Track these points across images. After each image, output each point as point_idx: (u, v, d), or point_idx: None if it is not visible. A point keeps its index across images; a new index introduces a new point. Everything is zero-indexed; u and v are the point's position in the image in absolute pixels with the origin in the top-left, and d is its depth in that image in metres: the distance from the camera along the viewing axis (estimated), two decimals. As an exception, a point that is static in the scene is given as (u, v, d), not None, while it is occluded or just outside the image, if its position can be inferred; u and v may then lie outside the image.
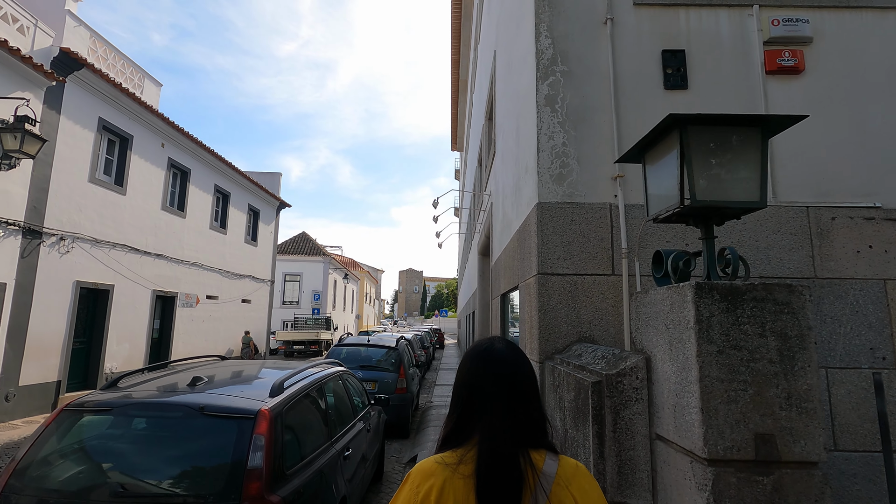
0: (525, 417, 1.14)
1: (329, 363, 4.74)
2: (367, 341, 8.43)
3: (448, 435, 1.18)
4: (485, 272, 10.62)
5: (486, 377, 1.17)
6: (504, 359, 1.19)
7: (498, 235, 6.48)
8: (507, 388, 1.15)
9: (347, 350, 8.28)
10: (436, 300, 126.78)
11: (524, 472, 1.06)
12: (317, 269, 31.00)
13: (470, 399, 1.17)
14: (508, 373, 1.17)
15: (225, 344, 16.34)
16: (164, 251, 12.83)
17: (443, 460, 1.11)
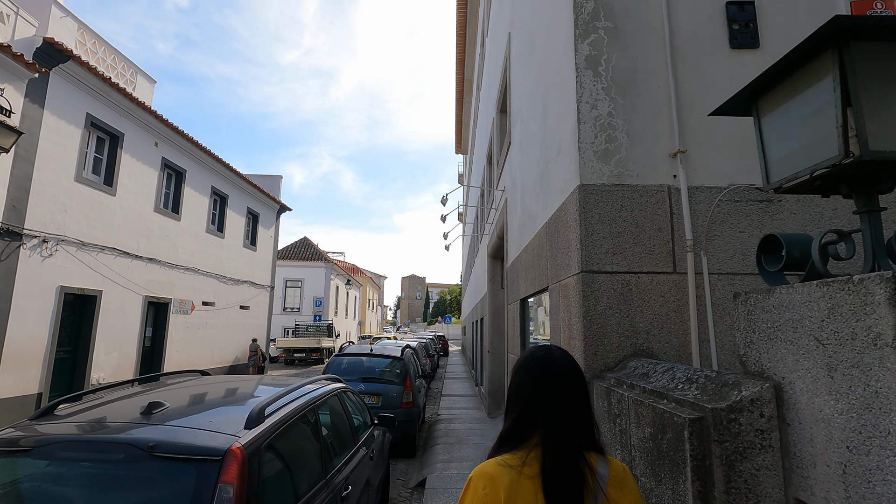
0: (581, 421, 1.22)
1: (327, 379, 4.10)
2: (370, 350, 7.78)
3: (506, 435, 1.25)
4: (495, 276, 9.98)
5: (547, 383, 1.25)
6: (563, 366, 1.28)
7: (515, 233, 5.84)
8: (567, 393, 1.23)
9: (349, 360, 7.63)
10: (438, 306, 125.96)
11: (584, 473, 1.14)
12: (318, 274, 30.39)
13: (531, 403, 1.24)
14: (567, 380, 1.25)
15: (221, 352, 15.70)
16: (157, 255, 12.23)
17: (505, 462, 1.16)
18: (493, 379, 9.88)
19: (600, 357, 2.67)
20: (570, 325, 2.96)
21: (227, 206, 15.88)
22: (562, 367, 1.28)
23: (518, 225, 5.58)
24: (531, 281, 4.52)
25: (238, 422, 2.33)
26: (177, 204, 13.18)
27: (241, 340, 17.07)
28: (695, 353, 2.60)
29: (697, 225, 2.77)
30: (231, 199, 16.15)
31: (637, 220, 2.80)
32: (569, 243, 3.02)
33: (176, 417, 2.37)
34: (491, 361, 9.67)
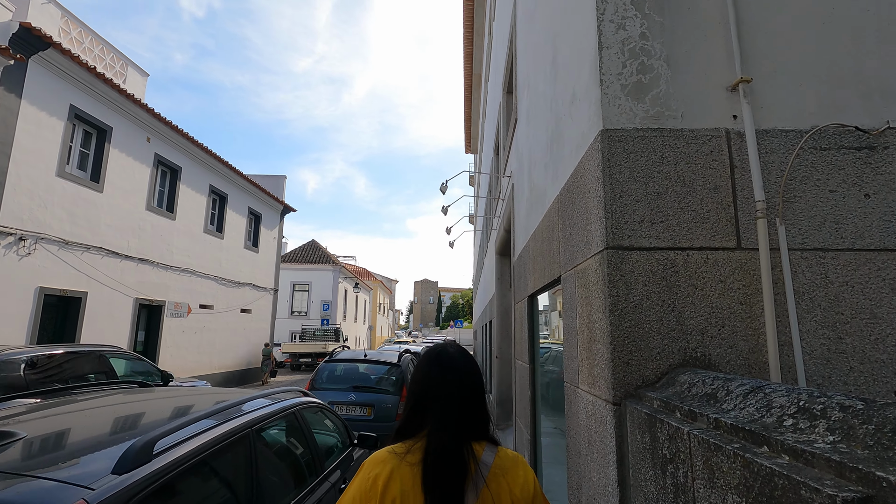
0: (471, 415, 1.30)
1: (291, 391, 3.38)
2: (364, 356, 7.04)
3: (400, 427, 1.33)
4: (504, 274, 9.20)
5: (438, 378, 1.33)
6: (455, 363, 1.36)
7: (522, 220, 5.07)
8: (457, 388, 1.31)
9: (340, 367, 6.90)
10: (451, 311, 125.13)
11: (467, 462, 1.21)
12: (326, 278, 29.85)
13: (423, 396, 1.33)
14: (458, 375, 1.34)
15: (222, 357, 15.11)
16: (149, 255, 11.68)
17: (393, 450, 1.26)
18: (501, 387, 9.08)
19: (634, 367, 1.89)
20: (590, 323, 2.18)
21: (226, 205, 15.35)
22: (452, 363, 1.35)
23: (525, 209, 4.81)
24: (540, 272, 3.75)
25: (109, 462, 1.60)
26: (171, 202, 12.65)
27: (243, 345, 16.49)
28: (773, 362, 1.81)
29: (770, 182, 1.99)
30: (231, 199, 15.62)
31: (683, 176, 2.02)
32: (587, 214, 2.25)
33: (21, 457, 1.65)
34: (499, 368, 8.88)
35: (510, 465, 1.25)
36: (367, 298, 43.89)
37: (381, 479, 1.18)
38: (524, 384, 4.58)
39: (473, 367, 1.37)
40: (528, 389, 4.36)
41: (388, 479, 1.19)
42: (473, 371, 1.36)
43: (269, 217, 18.54)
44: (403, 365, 6.92)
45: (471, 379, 1.34)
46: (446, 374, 1.32)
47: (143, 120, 11.28)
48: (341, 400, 6.25)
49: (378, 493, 1.17)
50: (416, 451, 1.22)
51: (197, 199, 13.69)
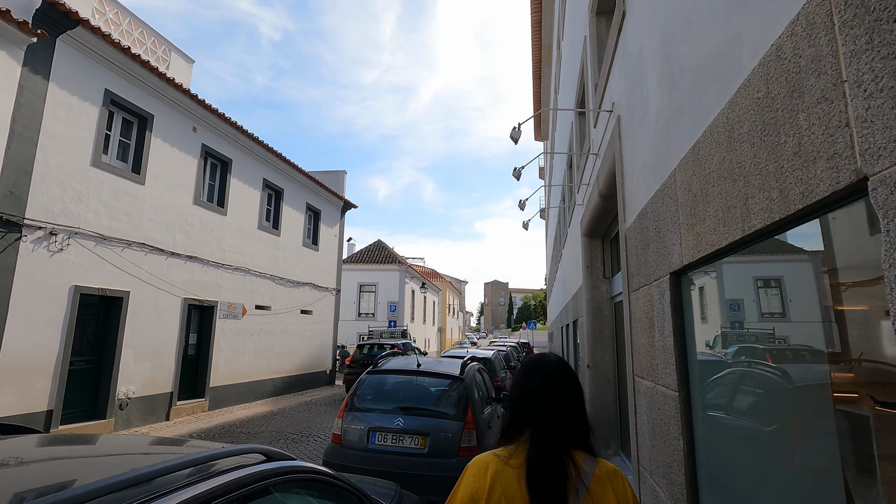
0: (570, 422, 1.34)
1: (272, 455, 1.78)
2: (417, 365, 5.41)
3: (503, 431, 1.40)
4: (594, 261, 7.23)
5: (537, 387, 1.39)
6: (555, 371, 1.42)
7: (646, 156, 3.15)
8: (558, 396, 1.37)
9: (387, 381, 5.33)
10: (522, 312, 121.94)
11: (568, 468, 1.26)
12: (392, 278, 28.95)
13: (522, 405, 1.40)
14: (558, 384, 1.39)
15: (281, 361, 14.29)
16: (199, 253, 10.94)
17: (495, 454, 1.33)
18: (595, 403, 7.08)
19: None
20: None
21: (282, 200, 14.55)
22: (552, 370, 1.41)
23: (656, 131, 2.90)
24: (712, 223, 1.89)
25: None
26: (222, 197, 11.91)
27: (304, 348, 15.65)
28: None
29: None
30: (287, 194, 14.81)
31: None
32: None
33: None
34: (592, 379, 6.92)
35: (610, 476, 1.29)
36: (436, 300, 42.79)
37: (486, 480, 1.27)
38: (664, 424, 2.70)
39: (572, 377, 1.42)
40: (678, 439, 2.48)
41: (493, 479, 1.27)
42: (572, 380, 1.41)
43: (328, 214, 17.69)
44: (468, 378, 5.21)
45: (569, 388, 1.39)
46: (544, 384, 1.38)
47: (188, 108, 10.57)
48: (386, 426, 4.67)
49: (485, 492, 1.25)
50: (519, 454, 1.30)
51: (250, 193, 12.93)
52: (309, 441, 8.45)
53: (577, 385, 1.40)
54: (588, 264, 7.26)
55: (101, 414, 8.52)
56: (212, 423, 9.88)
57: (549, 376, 1.39)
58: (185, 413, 10.34)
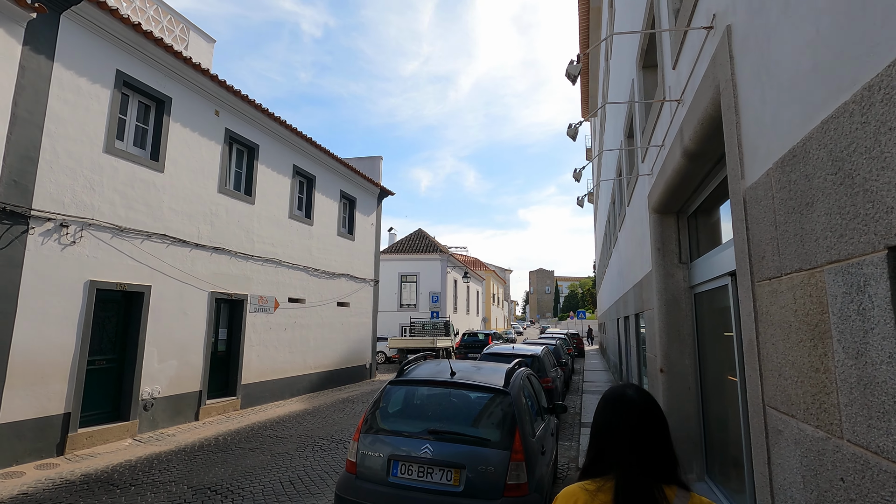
0: (655, 455, 1.30)
1: None
2: (451, 375, 4.37)
3: (587, 466, 1.38)
4: (667, 243, 5.92)
5: (619, 419, 1.36)
6: (639, 407, 1.37)
7: (815, 55, 1.92)
8: (643, 432, 1.33)
9: (416, 394, 4.33)
10: (570, 300, 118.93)
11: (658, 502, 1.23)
12: (434, 267, 28.11)
13: (605, 438, 1.37)
14: (643, 419, 1.35)
15: (317, 356, 13.71)
16: (226, 244, 10.38)
17: (584, 486, 1.32)
18: (672, 417, 5.80)
19: None
20: None
21: (314, 188, 13.86)
22: (635, 406, 1.37)
23: (834, 8, 1.69)
24: None
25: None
26: (249, 185, 11.30)
27: (341, 342, 15.04)
28: None
29: None
30: (319, 181, 14.11)
31: None
32: None
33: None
34: (667, 388, 5.65)
35: None
36: (480, 289, 41.74)
37: None
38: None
39: (656, 410, 1.39)
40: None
41: None
42: (657, 414, 1.38)
43: (364, 202, 16.93)
44: (514, 391, 4.12)
45: (654, 423, 1.36)
46: (628, 421, 1.35)
47: (209, 91, 9.94)
48: (411, 454, 3.68)
49: None
50: (607, 490, 1.27)
51: (279, 180, 12.29)
52: (338, 449, 7.66)
53: (661, 419, 1.37)
54: (659, 246, 5.96)
55: (125, 415, 8.08)
56: (241, 424, 9.32)
57: (632, 413, 1.36)
58: (215, 412, 9.86)
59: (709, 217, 5.40)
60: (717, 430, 5.12)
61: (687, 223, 5.84)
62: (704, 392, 5.44)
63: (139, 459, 6.93)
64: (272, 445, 7.78)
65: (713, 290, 4.75)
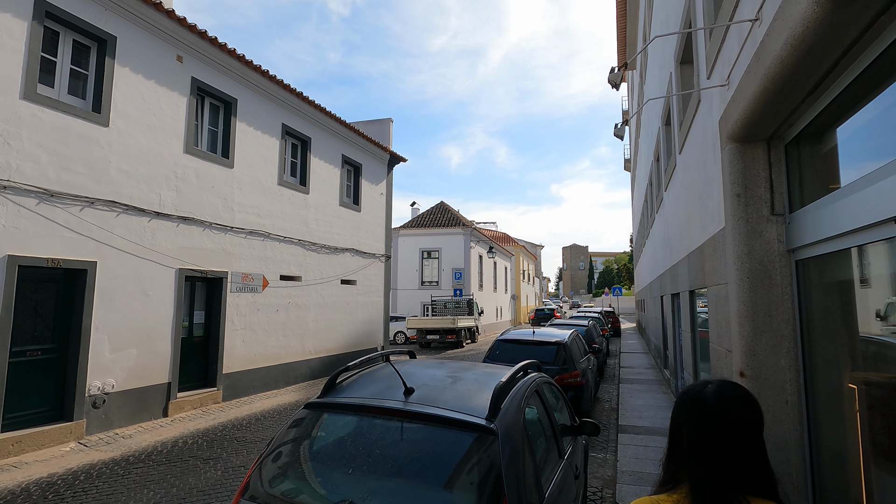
0: (735, 464, 1.12)
1: None
2: (405, 394, 2.65)
3: (663, 478, 1.23)
4: (752, 186, 3.95)
5: (690, 423, 1.19)
6: (708, 405, 1.18)
7: None
8: (713, 434, 1.14)
9: (341, 429, 2.64)
10: (605, 276, 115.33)
11: None
12: (456, 242, 26.38)
13: (677, 445, 1.21)
14: (712, 419, 1.16)
15: (318, 340, 12.34)
16: (197, 213, 8.95)
17: (657, 500, 1.17)
18: None
19: None
20: None
21: (309, 151, 12.26)
22: (714, 405, 1.19)
23: None
24: None
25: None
26: (227, 145, 9.79)
27: (347, 323, 13.64)
28: None
29: None
30: (315, 144, 12.49)
31: None
32: None
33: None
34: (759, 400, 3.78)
35: None
36: (508, 265, 39.83)
37: None
38: None
39: (734, 408, 1.18)
40: None
41: None
42: (734, 412, 1.17)
43: (371, 168, 15.27)
44: (505, 426, 2.37)
45: (732, 422, 1.16)
46: (699, 419, 1.18)
47: (168, 31, 8.37)
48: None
49: None
50: (682, 502, 1.14)
51: (265, 142, 10.74)
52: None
53: (741, 417, 1.16)
54: (739, 192, 4.00)
55: (68, 415, 6.84)
56: (216, 421, 8.02)
57: (706, 412, 1.18)
58: (189, 407, 8.60)
59: (821, 144, 3.48)
60: (834, 467, 3.35)
61: (785, 155, 3.88)
62: (813, 409, 3.60)
63: (67, 472, 5.65)
64: (233, 454, 6.38)
65: (837, 255, 2.88)
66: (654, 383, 10.78)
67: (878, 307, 2.68)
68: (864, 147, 2.81)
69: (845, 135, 3.07)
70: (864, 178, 2.51)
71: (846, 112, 2.87)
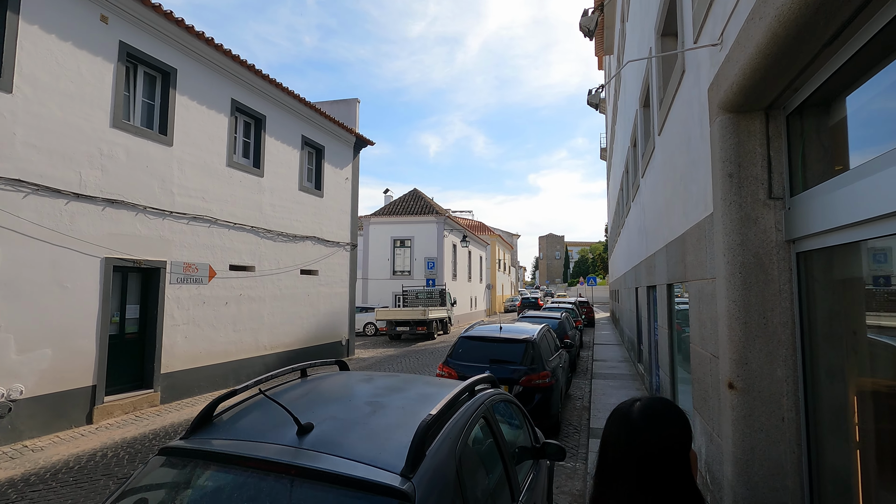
0: (663, 485, 1.04)
1: None
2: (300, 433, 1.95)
3: (594, 495, 1.15)
4: (747, 164, 3.34)
5: (614, 441, 1.12)
6: (633, 423, 1.10)
7: None
8: (641, 457, 1.06)
9: (199, 495, 1.95)
10: (579, 266, 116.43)
11: None
12: (430, 231, 25.64)
13: (605, 464, 1.13)
14: (637, 439, 1.07)
15: (275, 334, 11.49)
16: (127, 195, 7.98)
17: None
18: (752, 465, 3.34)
19: None
20: None
21: (263, 130, 11.30)
22: (639, 421, 1.10)
23: None
24: None
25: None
26: (164, 120, 8.78)
27: (309, 315, 12.82)
28: None
29: None
30: (271, 123, 11.52)
31: None
32: None
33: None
34: (744, 416, 3.20)
35: None
36: (484, 254, 39.33)
37: None
38: None
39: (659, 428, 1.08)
40: None
41: None
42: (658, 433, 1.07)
43: (335, 151, 14.34)
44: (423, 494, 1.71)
45: (654, 445, 1.06)
46: (621, 439, 1.10)
47: (90, -13, 7.32)
48: None
49: None
50: None
51: (212, 118, 9.75)
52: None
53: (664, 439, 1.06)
54: (731, 171, 3.38)
55: (-38, 426, 5.92)
56: (148, 428, 7.17)
57: (623, 429, 1.11)
58: (119, 412, 7.72)
59: (828, 116, 2.90)
60: (839, 496, 2.84)
61: (786, 127, 3.27)
62: (814, 428, 3.05)
63: (-54, 499, 4.77)
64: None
65: (846, 247, 2.30)
66: (628, 378, 10.35)
67: None
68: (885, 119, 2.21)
69: (860, 103, 2.47)
70: (885, 155, 1.92)
71: (865, 74, 2.25)
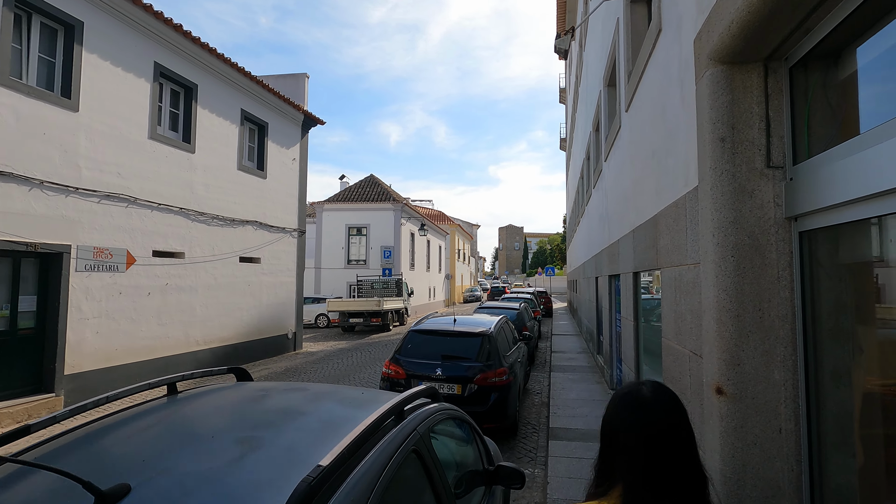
0: (672, 466, 1.04)
1: None
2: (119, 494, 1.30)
3: (595, 482, 1.14)
4: (742, 127, 2.78)
5: (626, 425, 1.10)
6: (646, 405, 1.09)
7: None
8: (651, 436, 1.05)
9: None
10: (538, 257, 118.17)
11: None
12: (386, 218, 24.74)
13: (609, 448, 1.12)
14: (652, 420, 1.07)
15: (209, 328, 10.42)
16: (18, 167, 6.76)
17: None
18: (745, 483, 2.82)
19: None
20: None
21: (195, 101, 10.11)
22: (644, 407, 1.09)
23: None
24: None
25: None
26: (68, 82, 7.54)
27: (250, 307, 11.77)
28: None
29: None
30: (204, 93, 10.34)
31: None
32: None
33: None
34: (735, 426, 2.67)
35: None
36: (443, 244, 38.75)
37: None
38: None
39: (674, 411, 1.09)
40: None
41: None
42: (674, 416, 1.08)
43: (281, 129, 13.23)
44: None
45: (669, 426, 1.06)
46: (636, 421, 1.07)
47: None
48: None
49: None
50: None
51: (129, 82, 8.52)
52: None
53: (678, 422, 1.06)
54: (724, 134, 2.81)
55: None
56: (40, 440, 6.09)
57: (637, 412, 1.08)
58: (10, 420, 6.57)
59: (836, 69, 2.38)
60: None
61: (789, 83, 2.72)
62: (817, 440, 2.56)
63: None
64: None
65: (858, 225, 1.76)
66: (587, 371, 10.00)
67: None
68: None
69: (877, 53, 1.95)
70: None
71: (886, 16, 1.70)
